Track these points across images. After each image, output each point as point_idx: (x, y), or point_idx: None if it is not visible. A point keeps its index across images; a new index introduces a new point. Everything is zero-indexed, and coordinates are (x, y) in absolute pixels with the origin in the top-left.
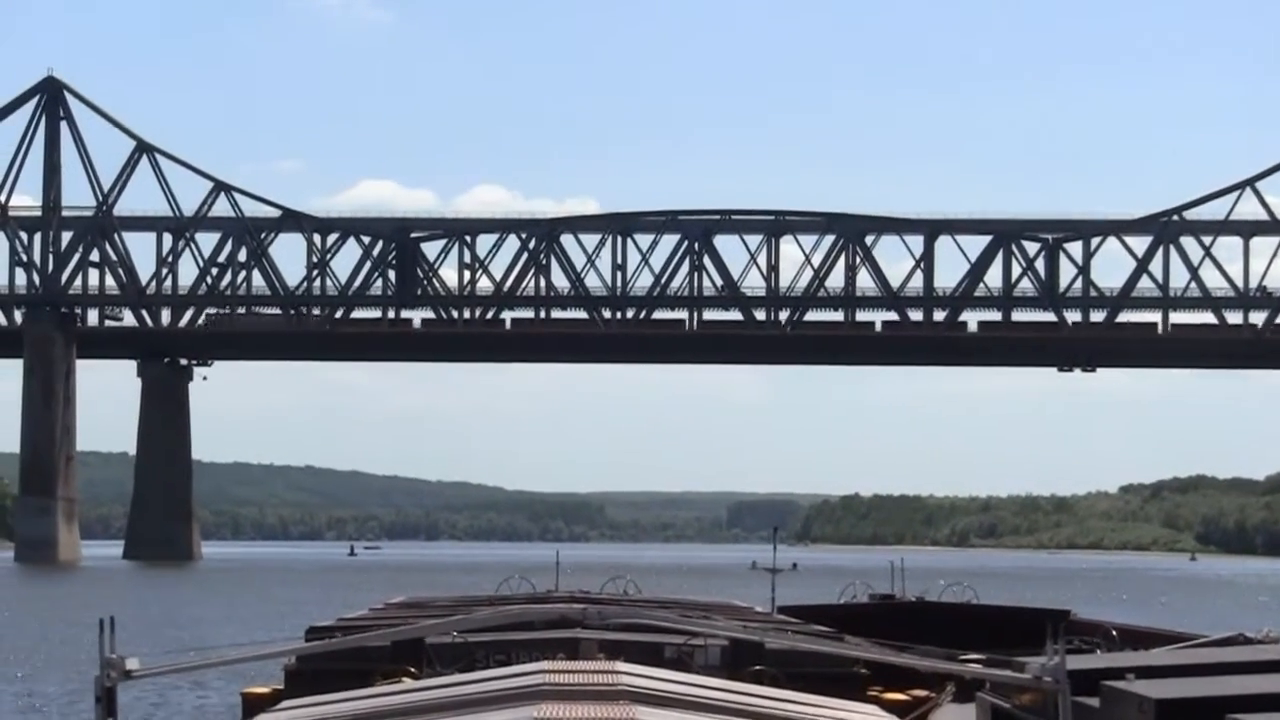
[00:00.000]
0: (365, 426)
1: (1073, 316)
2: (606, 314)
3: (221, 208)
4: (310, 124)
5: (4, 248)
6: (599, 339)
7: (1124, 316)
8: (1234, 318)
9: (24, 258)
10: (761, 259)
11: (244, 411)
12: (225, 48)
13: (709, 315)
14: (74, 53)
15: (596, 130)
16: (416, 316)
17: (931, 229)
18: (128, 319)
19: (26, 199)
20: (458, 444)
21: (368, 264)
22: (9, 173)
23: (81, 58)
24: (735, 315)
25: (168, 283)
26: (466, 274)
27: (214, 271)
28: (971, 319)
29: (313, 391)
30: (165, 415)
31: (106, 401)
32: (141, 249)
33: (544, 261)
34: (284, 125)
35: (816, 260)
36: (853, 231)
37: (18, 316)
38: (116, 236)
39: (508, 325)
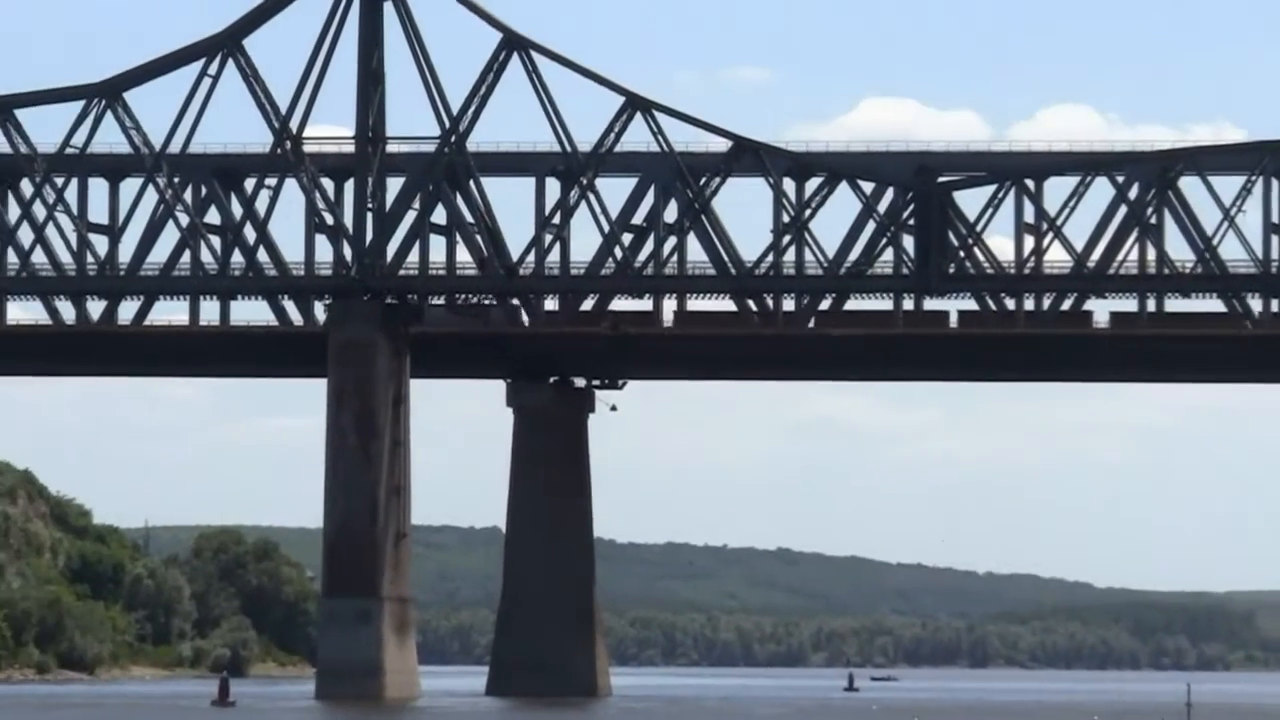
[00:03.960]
0: (869, 486)
1: None
2: (1255, 304)
3: (637, 136)
4: (782, 12)
5: (298, 202)
6: (1239, 344)
7: None
8: None
9: (329, 219)
10: None
11: (676, 461)
12: None
13: None
14: None
15: (1235, 23)
16: (948, 308)
17: None
18: (492, 314)
19: (334, 127)
20: (1016, 515)
21: (871, 224)
22: (303, 86)
23: None
24: None
25: (554, 254)
26: (1028, 240)
27: (627, 238)
28: None
29: (787, 430)
30: (553, 467)
31: (461, 446)
32: (512, 202)
33: (1153, 219)
34: (733, 13)
35: None
36: None
37: (320, 311)
38: (472, 184)
39: (1096, 321)
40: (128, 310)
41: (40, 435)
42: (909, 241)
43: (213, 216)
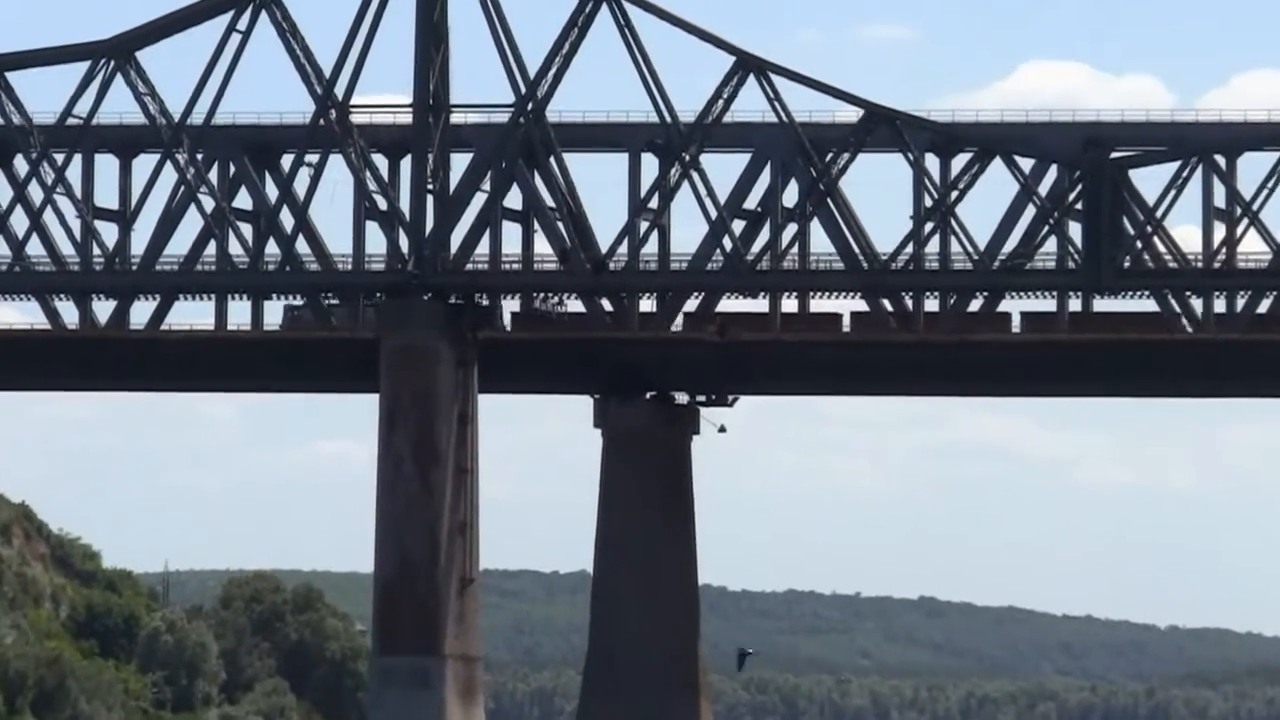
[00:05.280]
0: (1028, 523)
1: None
2: None
3: (750, 103)
4: None
5: (345, 183)
6: None
7: None
8: None
9: (382, 203)
10: None
11: (798, 493)
12: None
13: None
14: None
15: None
16: (1121, 309)
17: None
18: (556, 318)
19: (388, 95)
20: (1204, 558)
21: (1030, 209)
22: (350, 44)
23: None
24: None
25: (651, 245)
26: (1219, 227)
27: (738, 225)
28: None
29: (931, 456)
30: (649, 500)
31: (540, 474)
32: (600, 182)
33: None
34: None
35: None
36: None
37: (369, 314)
38: (553, 161)
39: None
40: (141, 312)
41: (39, 462)
42: (1076, 229)
43: (243, 200)
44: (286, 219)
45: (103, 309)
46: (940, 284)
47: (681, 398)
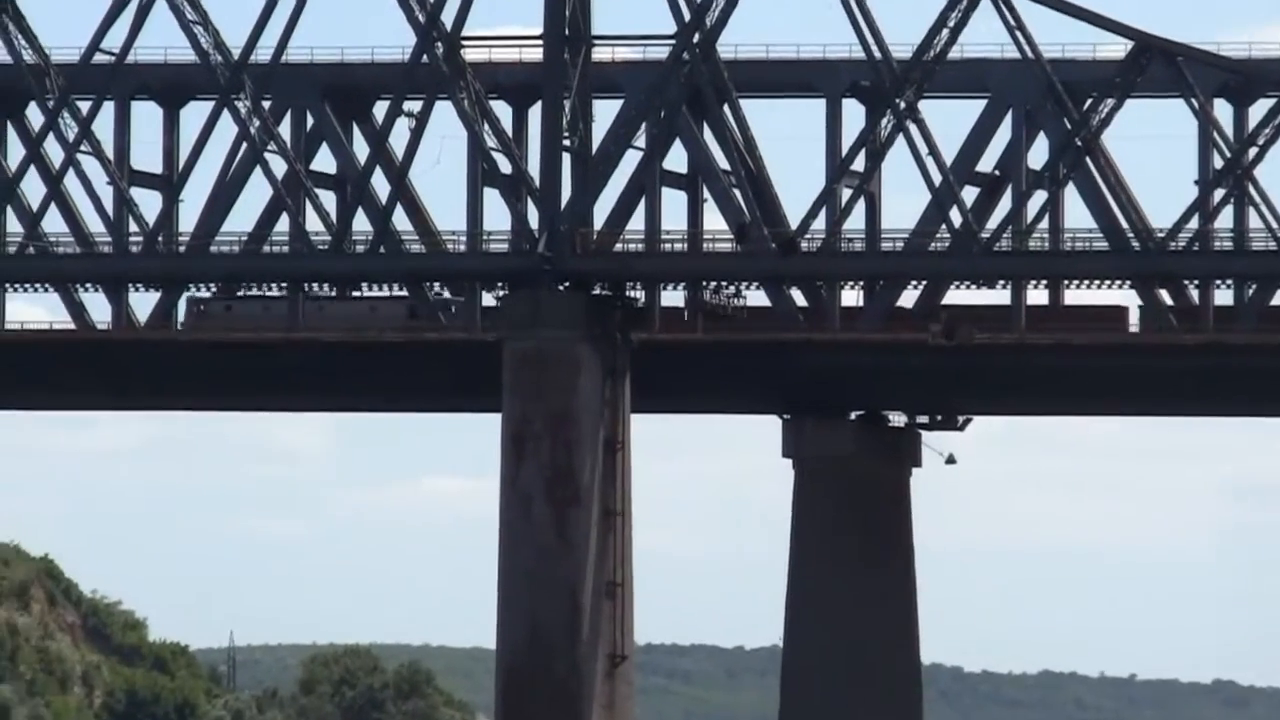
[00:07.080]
0: None
1: None
2: None
3: (984, 34)
4: None
5: (457, 139)
6: None
7: None
8: None
9: (504, 164)
10: None
11: (1051, 545)
12: None
13: None
14: None
15: None
16: None
17: None
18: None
19: (512, 24)
20: None
21: None
22: None
23: None
24: None
25: (856, 219)
26: None
27: (970, 193)
28: None
29: (1232, 498)
30: (856, 551)
31: (715, 518)
32: (789, 138)
33: None
34: None
35: None
36: None
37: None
38: (727, 110)
39: None
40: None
41: (64, 504)
42: None
43: (324, 161)
44: (380, 185)
45: (143, 303)
46: (1235, 270)
47: (897, 419)
